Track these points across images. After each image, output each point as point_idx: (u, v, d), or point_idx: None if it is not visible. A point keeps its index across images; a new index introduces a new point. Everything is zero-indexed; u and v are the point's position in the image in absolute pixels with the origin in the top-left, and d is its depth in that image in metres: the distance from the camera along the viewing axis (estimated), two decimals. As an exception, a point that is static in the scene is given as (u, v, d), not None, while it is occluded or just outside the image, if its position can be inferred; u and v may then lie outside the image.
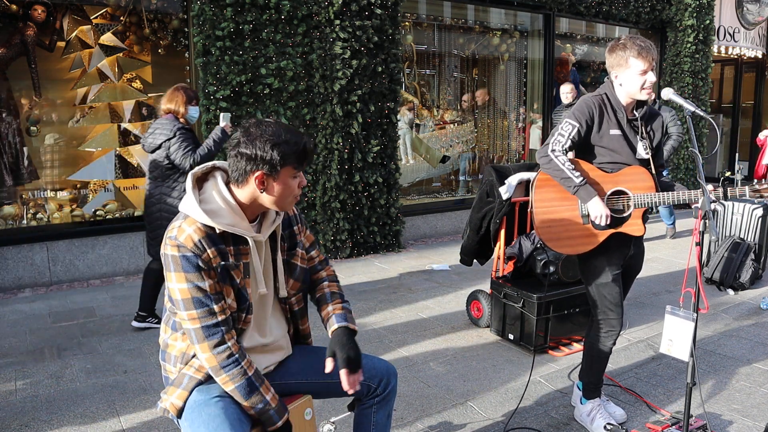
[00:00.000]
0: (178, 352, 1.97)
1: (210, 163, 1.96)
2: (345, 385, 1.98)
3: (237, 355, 1.85)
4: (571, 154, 2.84)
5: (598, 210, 2.72)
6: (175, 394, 1.91)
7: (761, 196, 2.64)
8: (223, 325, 1.84)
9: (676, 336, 2.63)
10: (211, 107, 5.74)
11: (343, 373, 1.98)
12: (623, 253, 2.90)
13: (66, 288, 5.51)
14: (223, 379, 1.85)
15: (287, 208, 1.95)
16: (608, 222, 2.73)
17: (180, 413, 1.91)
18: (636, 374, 3.71)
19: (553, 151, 2.74)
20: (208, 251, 1.81)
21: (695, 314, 2.56)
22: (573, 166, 2.72)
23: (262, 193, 1.86)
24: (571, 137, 2.75)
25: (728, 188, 2.63)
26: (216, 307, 1.83)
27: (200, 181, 1.93)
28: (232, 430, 1.78)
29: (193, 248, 1.79)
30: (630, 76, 2.71)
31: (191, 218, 1.83)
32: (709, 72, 10.24)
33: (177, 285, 1.81)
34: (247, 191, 1.87)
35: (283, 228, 2.10)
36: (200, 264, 1.80)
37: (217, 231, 1.84)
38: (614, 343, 2.97)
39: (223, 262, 1.85)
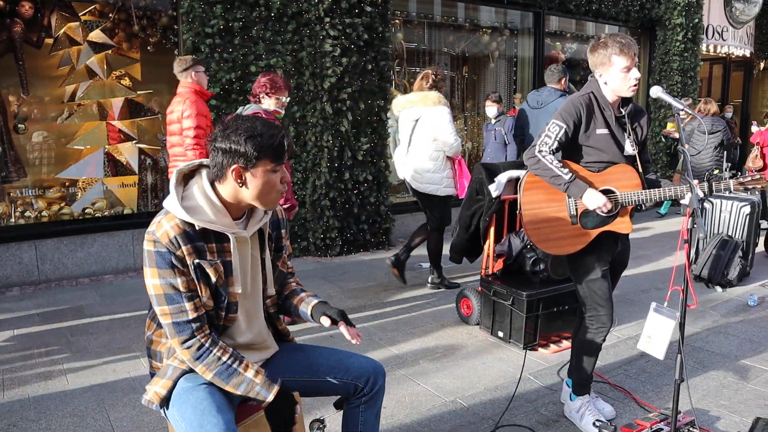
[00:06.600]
0: (164, 348, 1.98)
1: (197, 161, 1.95)
2: (348, 337, 2.02)
3: (208, 345, 1.87)
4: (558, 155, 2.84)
5: (595, 200, 2.69)
6: (159, 384, 1.92)
7: (746, 189, 2.64)
8: (195, 322, 1.86)
9: (655, 333, 2.64)
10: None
11: (342, 328, 2.03)
12: (611, 249, 2.92)
13: (54, 287, 5.47)
14: (200, 369, 1.87)
15: (271, 205, 1.93)
16: (609, 208, 2.70)
17: (163, 402, 1.92)
18: (625, 371, 3.73)
19: (540, 152, 2.73)
20: (183, 248, 1.81)
21: (683, 311, 2.58)
22: (561, 164, 2.72)
23: (241, 187, 1.85)
24: (557, 138, 2.74)
25: (713, 183, 2.64)
26: (188, 305, 1.84)
27: (187, 179, 1.93)
28: (219, 413, 1.79)
29: (167, 244, 1.80)
30: (614, 73, 2.71)
31: (171, 214, 1.83)
32: (697, 70, 10.32)
33: (151, 281, 1.83)
34: (228, 187, 1.86)
35: (272, 229, 2.10)
36: (174, 261, 1.81)
37: (197, 228, 1.84)
38: (604, 340, 2.98)
39: (197, 260, 1.84)
